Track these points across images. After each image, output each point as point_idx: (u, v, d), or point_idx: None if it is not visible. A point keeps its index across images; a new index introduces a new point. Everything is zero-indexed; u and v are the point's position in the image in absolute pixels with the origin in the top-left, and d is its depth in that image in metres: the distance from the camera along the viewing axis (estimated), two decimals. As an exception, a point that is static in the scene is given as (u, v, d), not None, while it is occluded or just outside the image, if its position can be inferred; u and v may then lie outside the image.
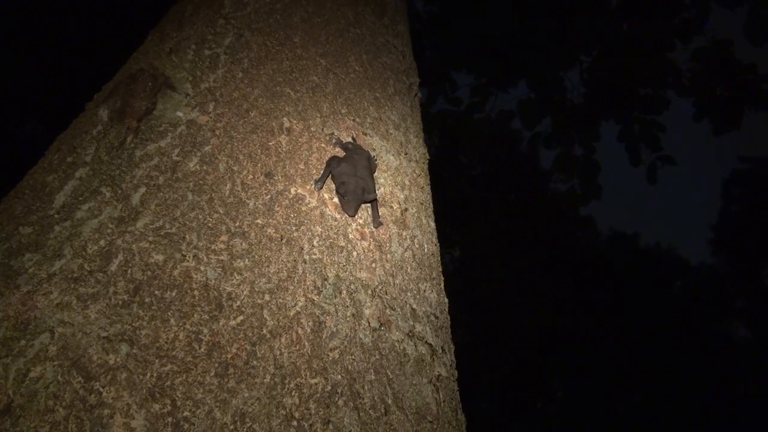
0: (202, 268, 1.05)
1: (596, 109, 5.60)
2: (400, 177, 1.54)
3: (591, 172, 5.65)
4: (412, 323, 1.24)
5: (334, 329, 1.09)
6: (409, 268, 1.35)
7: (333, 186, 1.33)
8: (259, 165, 1.26)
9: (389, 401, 1.07)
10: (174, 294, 1.00)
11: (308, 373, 1.00)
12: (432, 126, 6.56)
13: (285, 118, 1.39)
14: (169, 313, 0.97)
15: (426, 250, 1.46)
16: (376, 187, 1.38)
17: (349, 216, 1.25)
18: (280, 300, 1.07)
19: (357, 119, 1.55)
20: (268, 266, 1.10)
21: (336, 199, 1.32)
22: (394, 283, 1.27)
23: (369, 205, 1.35)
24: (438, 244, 1.55)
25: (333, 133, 1.45)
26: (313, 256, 1.17)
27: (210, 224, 1.12)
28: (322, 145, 1.41)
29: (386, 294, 1.23)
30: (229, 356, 0.96)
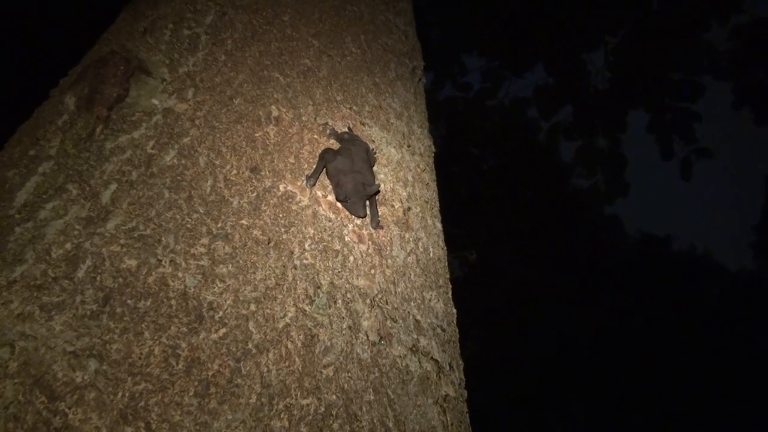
0: (180, 274, 1.05)
1: (623, 97, 5.60)
2: (403, 172, 1.55)
3: (617, 167, 5.66)
4: (415, 336, 1.25)
5: (329, 343, 1.09)
6: (413, 274, 1.35)
7: (327, 182, 1.35)
8: (244, 159, 1.26)
9: (390, 424, 1.07)
10: (149, 304, 1.00)
11: (299, 393, 1.00)
12: (439, 114, 6.58)
13: (273, 107, 1.39)
14: (143, 326, 0.97)
15: (431, 254, 1.46)
16: (376, 182, 1.38)
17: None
18: (268, 310, 1.07)
19: (354, 107, 1.55)
20: (254, 272, 1.10)
21: (331, 198, 1.32)
22: (395, 292, 1.27)
23: (368, 203, 1.35)
24: (445, 248, 1.55)
25: (327, 123, 1.46)
26: (305, 262, 1.17)
27: (189, 225, 1.12)
28: (315, 136, 1.41)
29: (387, 304, 1.23)
30: (211, 373, 0.96)
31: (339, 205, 1.33)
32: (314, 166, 1.33)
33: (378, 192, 1.34)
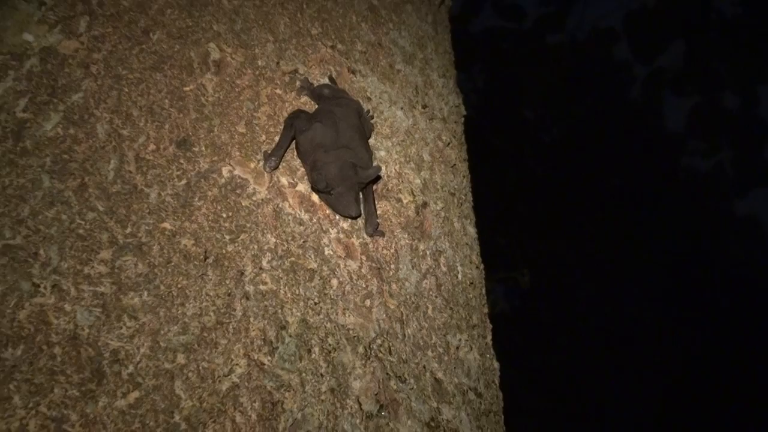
0: (67, 307, 1.05)
1: (764, 27, 5.55)
2: (415, 147, 1.54)
3: (754, 139, 5.62)
4: (435, 405, 1.24)
5: (299, 415, 1.09)
6: (431, 307, 1.35)
7: (297, 164, 1.35)
8: (166, 127, 1.26)
9: None
10: (19, 353, 1.00)
11: (253, 492, 1.01)
12: (473, 57, 6.56)
13: (212, 44, 1.39)
14: (12, 387, 0.97)
15: (460, 276, 1.45)
16: (374, 163, 1.38)
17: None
18: (204, 364, 1.07)
19: (338, 45, 1.54)
20: (182, 305, 1.10)
21: (303, 187, 1.32)
22: (403, 335, 1.26)
23: (361, 196, 1.35)
24: (482, 266, 1.55)
25: (297, 71, 1.45)
26: (262, 288, 1.17)
27: (81, 231, 1.12)
28: (278, 91, 1.40)
29: (390, 354, 1.23)
30: (116, 462, 0.96)
31: (316, 198, 1.33)
32: (277, 139, 1.33)
33: (377, 179, 1.35)
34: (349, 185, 1.25)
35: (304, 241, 1.27)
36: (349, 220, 1.34)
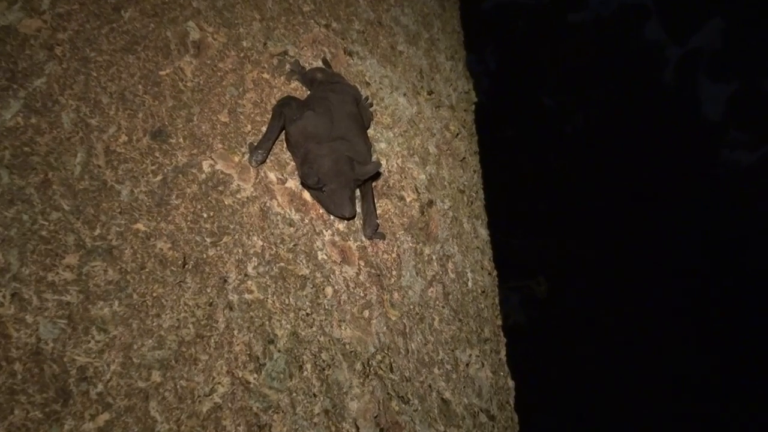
0: (29, 318, 1.05)
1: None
2: (420, 138, 1.54)
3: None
4: (443, 429, 1.24)
5: (290, 440, 1.09)
6: (438, 318, 1.35)
7: (287, 157, 1.35)
8: (140, 115, 1.27)
9: None
10: (-25, 370, 0.99)
11: None
12: (486, 36, 6.56)
13: (191, 23, 1.40)
14: (-34, 408, 0.96)
15: (470, 283, 1.46)
16: (374, 157, 1.39)
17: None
18: (183, 382, 1.07)
19: (334, 24, 1.55)
20: (158, 316, 1.11)
21: (293, 184, 1.32)
22: (407, 350, 1.27)
23: (357, 192, 1.36)
24: (495, 272, 1.56)
25: (286, 53, 1.45)
26: (247, 297, 1.18)
27: (44, 232, 1.13)
28: (265, 75, 1.40)
29: (391, 371, 1.24)
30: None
31: (308, 196, 1.34)
32: (264, 129, 1.33)
33: (377, 175, 1.35)
34: (344, 181, 1.25)
35: (294, 245, 1.27)
36: (346, 221, 1.34)
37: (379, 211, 1.38)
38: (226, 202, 1.25)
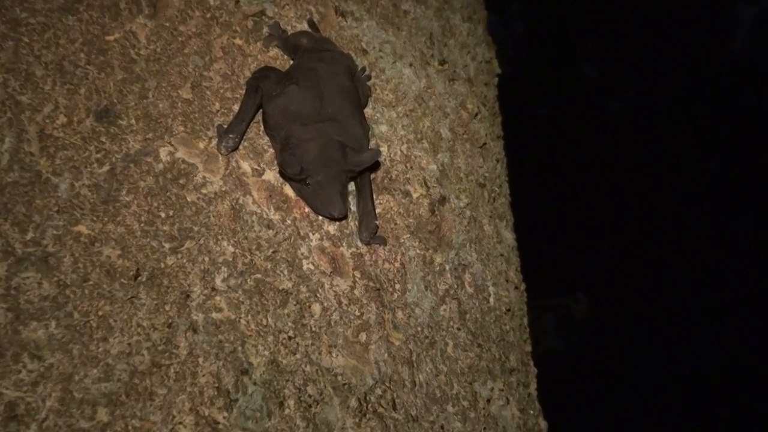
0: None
1: None
2: (430, 119, 1.55)
3: None
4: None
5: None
6: (452, 343, 1.35)
7: (264, 142, 1.34)
8: (81, 91, 1.24)
9: None
10: None
11: None
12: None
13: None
14: None
15: (493, 299, 1.46)
16: (372, 143, 1.37)
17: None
18: (135, 422, 1.03)
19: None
20: (104, 339, 1.07)
21: (271, 175, 1.31)
22: (413, 382, 1.26)
23: (351, 187, 1.33)
24: (523, 285, 1.57)
25: (263, 12, 1.45)
26: (215, 316, 1.15)
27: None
28: (237, 41, 1.39)
29: (394, 408, 1.21)
30: None
31: (290, 191, 1.29)
32: (236, 108, 1.29)
33: (376, 165, 1.32)
34: (334, 173, 1.20)
35: (274, 252, 1.21)
36: (337, 223, 1.30)
37: (378, 210, 1.32)
38: (188, 199, 1.19)
